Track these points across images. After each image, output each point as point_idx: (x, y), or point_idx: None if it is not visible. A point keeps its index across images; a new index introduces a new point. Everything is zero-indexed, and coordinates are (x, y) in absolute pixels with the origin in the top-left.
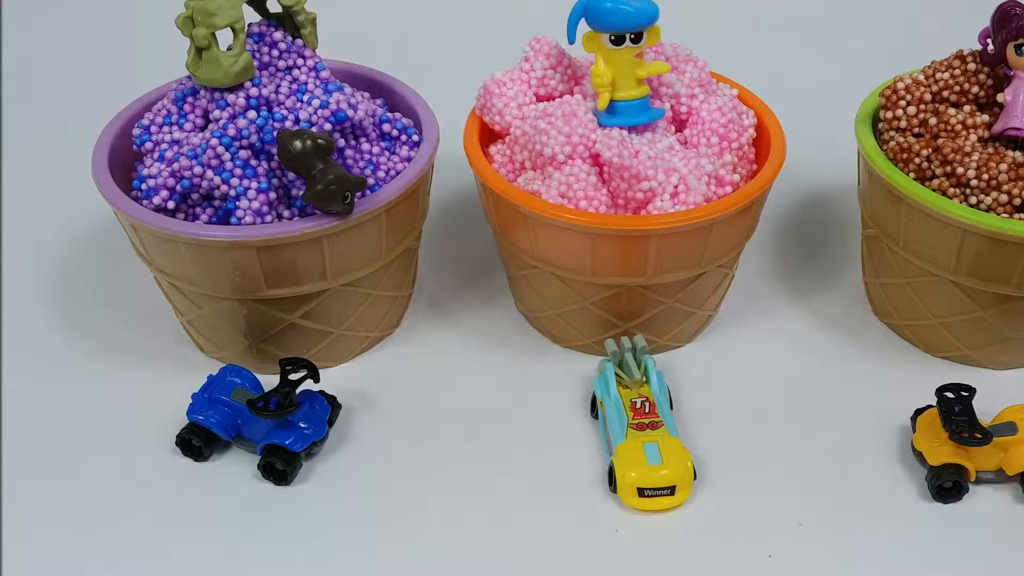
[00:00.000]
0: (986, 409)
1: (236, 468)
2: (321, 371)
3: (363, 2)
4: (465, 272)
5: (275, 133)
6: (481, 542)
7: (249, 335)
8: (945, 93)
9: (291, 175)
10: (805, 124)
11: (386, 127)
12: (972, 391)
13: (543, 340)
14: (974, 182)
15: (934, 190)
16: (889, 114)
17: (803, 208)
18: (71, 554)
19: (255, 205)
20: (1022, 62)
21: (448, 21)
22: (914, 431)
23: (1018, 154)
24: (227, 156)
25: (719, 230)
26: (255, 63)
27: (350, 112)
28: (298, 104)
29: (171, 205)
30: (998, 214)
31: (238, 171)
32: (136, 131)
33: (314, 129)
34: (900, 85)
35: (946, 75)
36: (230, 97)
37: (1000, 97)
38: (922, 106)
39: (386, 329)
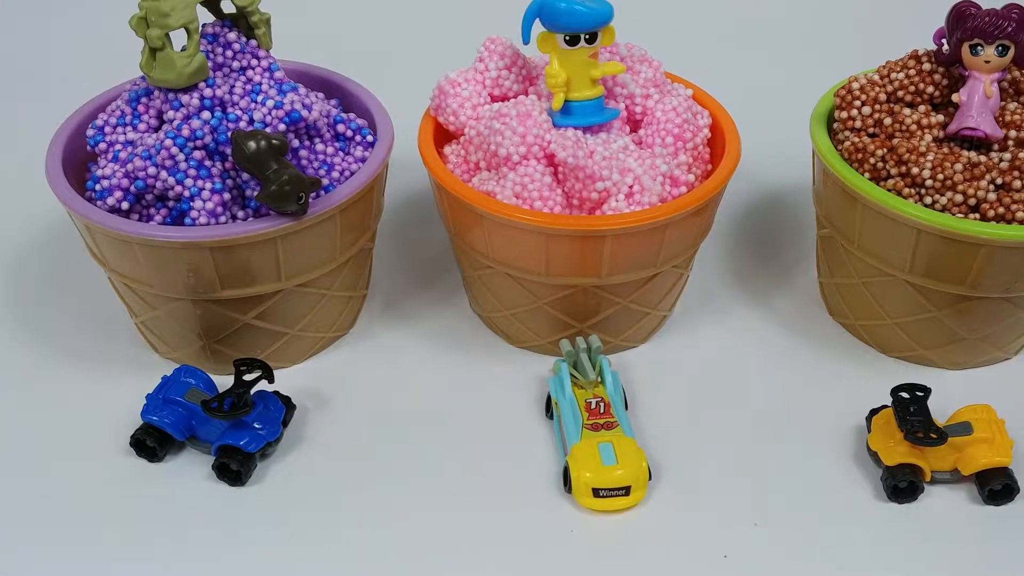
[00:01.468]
0: (941, 409)
1: (190, 469)
2: (275, 371)
3: (317, 3)
4: (420, 272)
5: (229, 134)
6: (435, 542)
7: (203, 336)
8: (900, 93)
9: (245, 176)
10: (760, 124)
11: (340, 127)
12: (927, 391)
13: (498, 340)
14: (929, 182)
15: (889, 190)
16: (844, 114)
17: (758, 208)
18: (24, 555)
19: (209, 206)
20: (977, 62)
21: (402, 21)
22: (869, 431)
23: (973, 154)
24: (181, 157)
25: (674, 230)
26: (209, 64)
27: (304, 112)
28: (252, 105)
29: (125, 206)
30: (953, 214)
31: (192, 172)
32: (90, 132)
33: (268, 130)
34: (855, 85)
35: (901, 75)
36: (184, 98)
37: (955, 97)
38: (877, 106)
39: (340, 330)
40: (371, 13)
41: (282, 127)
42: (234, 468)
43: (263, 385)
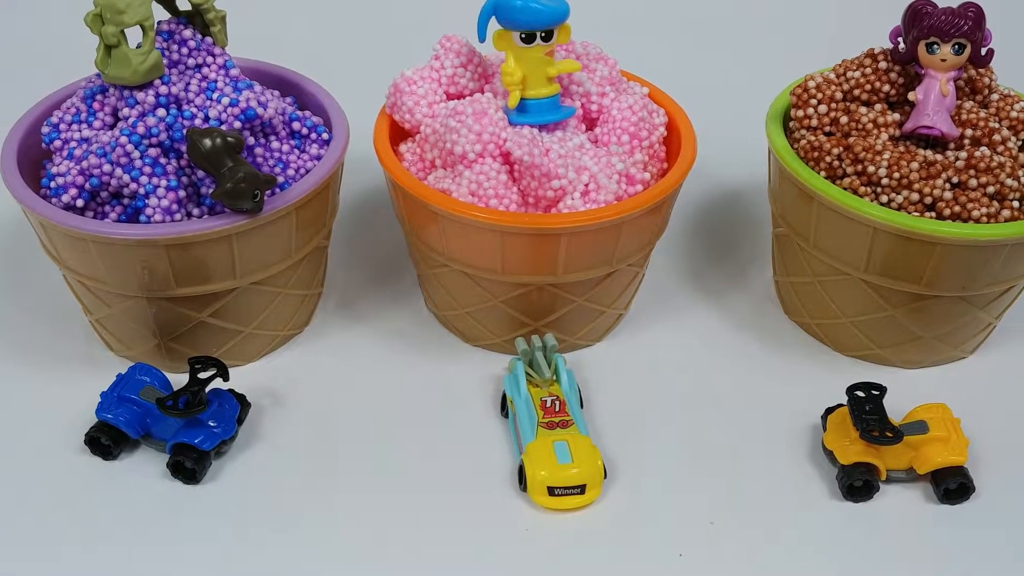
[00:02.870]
0: (897, 408)
1: (145, 467)
2: (231, 369)
3: (273, 0)
4: (375, 270)
5: (185, 131)
6: (390, 541)
7: (158, 333)
8: (856, 92)
9: (201, 173)
10: (716, 123)
11: (296, 125)
12: (883, 390)
13: (453, 339)
14: (885, 180)
15: (845, 189)
16: (800, 112)
17: (714, 207)
18: None
19: (164, 203)
20: (933, 60)
21: (358, 19)
22: (825, 430)
23: (929, 153)
24: (136, 154)
25: (629, 229)
26: (164, 61)
27: (260, 110)
28: (208, 102)
29: (80, 203)
30: (909, 213)
31: (147, 169)
32: (45, 129)
33: (224, 127)
34: (811, 83)
35: (857, 74)
36: (139, 95)
37: (911, 95)
38: (833, 104)
39: (295, 327)
40: (327, 11)
41: (237, 124)
42: (189, 466)
43: (218, 383)
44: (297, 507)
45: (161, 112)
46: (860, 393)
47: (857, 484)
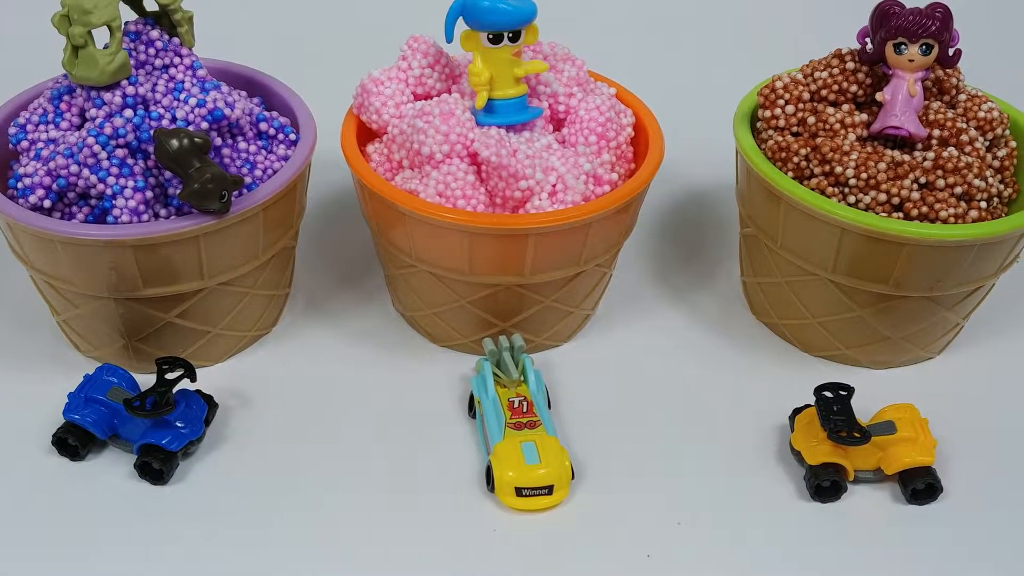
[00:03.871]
0: (864, 408)
1: (113, 467)
2: (198, 370)
3: (240, 1)
4: (342, 271)
5: (152, 132)
6: (357, 542)
7: (126, 334)
8: (824, 92)
9: (168, 174)
10: (683, 123)
11: (263, 126)
12: (850, 390)
13: (421, 339)
14: (853, 181)
15: (812, 189)
16: (767, 113)
17: (681, 207)
18: None
19: (131, 204)
20: (901, 61)
21: (325, 20)
22: (792, 430)
23: (896, 153)
24: (103, 155)
25: (597, 229)
26: (132, 61)
27: (227, 111)
28: (175, 103)
29: (47, 204)
30: (876, 213)
31: (114, 170)
32: (12, 130)
33: (191, 128)
34: (778, 84)
35: (825, 74)
36: (106, 96)
37: (879, 96)
38: (800, 105)
39: (263, 328)
40: (294, 12)
41: (205, 125)
42: (156, 467)
43: (185, 384)
44: (264, 508)
45: (128, 113)
46: (828, 393)
47: (825, 484)
